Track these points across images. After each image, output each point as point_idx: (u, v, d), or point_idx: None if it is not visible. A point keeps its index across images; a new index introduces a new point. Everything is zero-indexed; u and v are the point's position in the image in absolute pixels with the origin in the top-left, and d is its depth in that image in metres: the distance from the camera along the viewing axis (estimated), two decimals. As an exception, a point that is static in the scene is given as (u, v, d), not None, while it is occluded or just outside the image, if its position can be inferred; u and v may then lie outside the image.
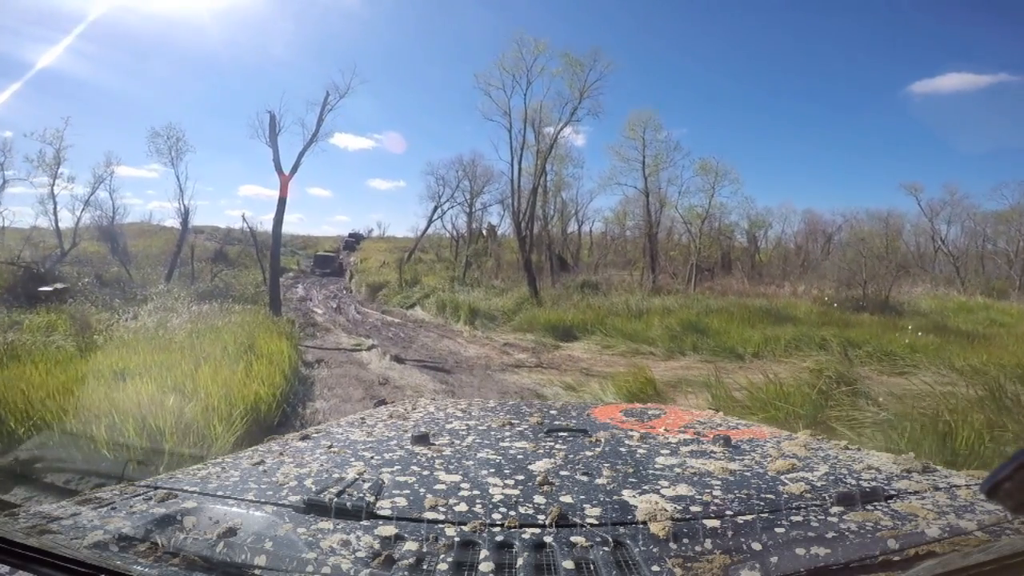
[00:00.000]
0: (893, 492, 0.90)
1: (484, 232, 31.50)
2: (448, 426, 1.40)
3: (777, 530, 0.76)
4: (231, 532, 0.74)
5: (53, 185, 21.19)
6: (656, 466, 1.04)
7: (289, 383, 6.35)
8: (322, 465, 1.04)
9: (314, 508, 0.81)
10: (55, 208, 21.42)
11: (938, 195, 28.48)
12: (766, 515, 0.81)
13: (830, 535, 0.74)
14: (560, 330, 11.86)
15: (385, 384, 7.24)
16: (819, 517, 0.80)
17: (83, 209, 21.94)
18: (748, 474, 1.00)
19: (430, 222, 29.58)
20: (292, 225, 47.90)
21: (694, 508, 0.83)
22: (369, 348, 10.22)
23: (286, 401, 5.82)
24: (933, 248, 28.32)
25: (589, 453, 1.12)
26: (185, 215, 21.22)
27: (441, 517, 0.79)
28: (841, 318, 12.98)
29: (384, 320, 15.27)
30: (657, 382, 7.00)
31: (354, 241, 37.59)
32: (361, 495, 0.84)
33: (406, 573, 0.65)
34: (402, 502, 0.84)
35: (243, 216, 27.03)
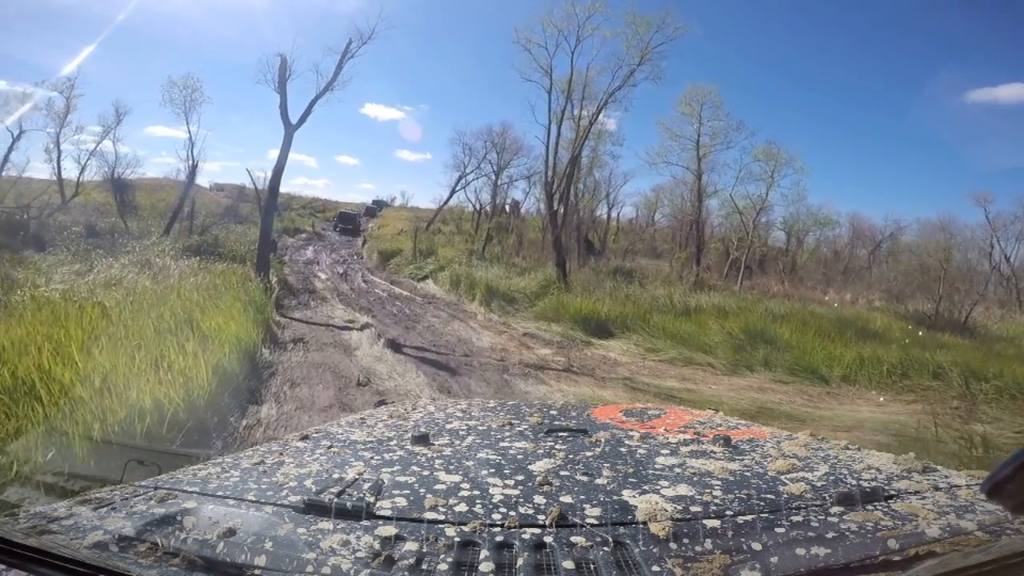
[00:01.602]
0: (893, 492, 0.89)
1: (508, 207, 29.74)
2: (448, 426, 1.38)
3: (777, 530, 0.75)
4: (231, 532, 0.73)
5: (59, 133, 19.92)
6: (656, 466, 1.03)
7: (227, 379, 4.57)
8: (322, 465, 1.02)
9: (314, 508, 0.79)
10: (59, 156, 20.21)
11: (1008, 208, 25.07)
12: (766, 515, 0.80)
13: (830, 535, 0.73)
14: (592, 323, 9.91)
15: (365, 385, 5.41)
16: (819, 517, 0.79)
17: (88, 159, 20.61)
18: (748, 474, 0.99)
19: (453, 192, 27.88)
20: (318, 190, 47.34)
21: (694, 508, 0.82)
22: (362, 327, 8.44)
23: (213, 406, 4.04)
24: (989, 265, 25.29)
25: (589, 453, 1.10)
26: (192, 168, 19.75)
27: (441, 517, 0.78)
28: (932, 338, 10.75)
29: (391, 292, 13.52)
30: (727, 406, 5.05)
31: (376, 208, 36.55)
32: (361, 495, 0.83)
33: (406, 573, 0.65)
34: (402, 502, 0.83)
35: (247, 170, 25.33)
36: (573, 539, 0.71)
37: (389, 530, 0.73)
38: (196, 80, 19.20)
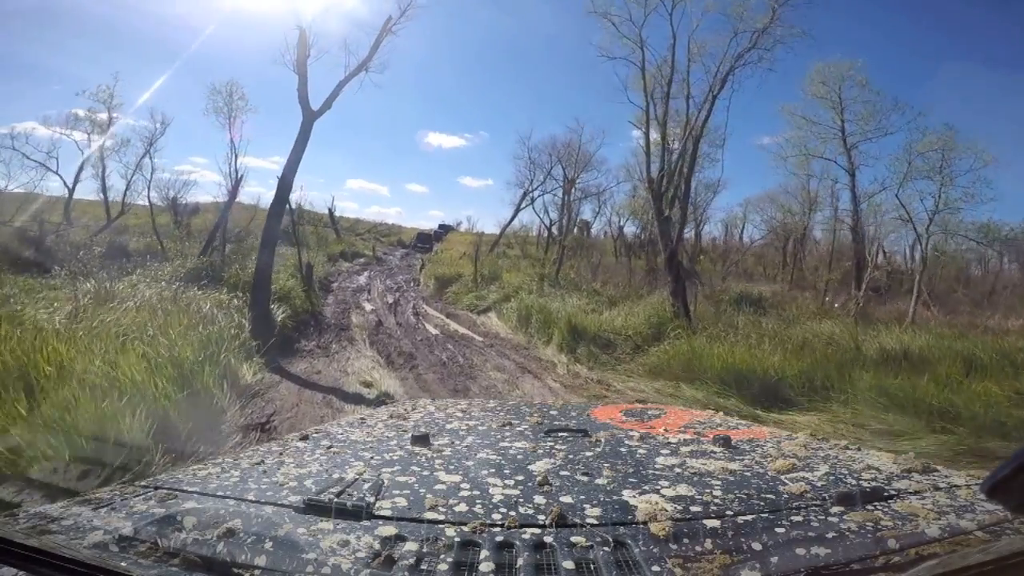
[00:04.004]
0: (893, 492, 0.87)
1: (577, 227, 26.51)
2: (448, 426, 1.36)
3: (777, 530, 0.74)
4: (231, 532, 0.72)
5: (102, 148, 18.92)
6: (656, 466, 1.01)
7: None
8: (322, 465, 1.01)
9: (314, 508, 0.78)
10: (103, 172, 19.21)
11: None
12: (766, 515, 0.79)
13: (830, 535, 0.72)
14: (755, 385, 6.08)
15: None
16: (819, 517, 0.78)
17: (133, 174, 19.50)
18: (748, 474, 0.97)
19: (517, 210, 25.09)
20: (391, 217, 48.10)
21: (694, 508, 0.81)
22: (378, 400, 5.19)
23: None
24: None
25: (589, 453, 1.09)
26: (236, 183, 17.88)
27: (441, 517, 0.77)
28: None
29: (444, 329, 10.36)
30: None
31: (443, 232, 35.40)
32: (361, 495, 0.82)
33: (406, 573, 0.64)
34: (402, 502, 0.82)
35: (277, 178, 23.50)
36: (573, 539, 0.71)
37: (389, 530, 0.73)
38: (239, 87, 17.51)
